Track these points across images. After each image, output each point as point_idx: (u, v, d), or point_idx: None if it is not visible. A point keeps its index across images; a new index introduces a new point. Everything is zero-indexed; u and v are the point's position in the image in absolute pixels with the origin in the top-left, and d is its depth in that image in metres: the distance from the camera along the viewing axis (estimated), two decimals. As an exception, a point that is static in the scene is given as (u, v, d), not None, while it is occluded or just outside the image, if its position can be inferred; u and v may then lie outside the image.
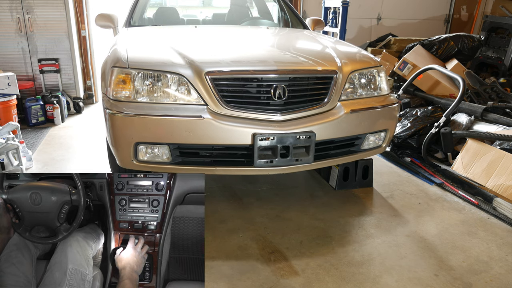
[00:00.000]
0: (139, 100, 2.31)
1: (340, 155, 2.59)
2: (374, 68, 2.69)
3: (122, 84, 2.31)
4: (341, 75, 2.49)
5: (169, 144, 2.29)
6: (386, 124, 2.68)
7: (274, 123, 2.30)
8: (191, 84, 2.29)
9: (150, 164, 2.36)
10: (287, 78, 2.33)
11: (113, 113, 2.26)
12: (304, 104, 2.40)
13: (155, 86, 2.32)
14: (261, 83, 2.31)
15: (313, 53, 2.72)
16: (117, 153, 2.38)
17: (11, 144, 3.18)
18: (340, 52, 2.71)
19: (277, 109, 2.32)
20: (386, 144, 2.79)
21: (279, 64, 2.37)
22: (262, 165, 2.31)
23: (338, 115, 2.43)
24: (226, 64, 2.35)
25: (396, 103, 2.72)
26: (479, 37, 5.05)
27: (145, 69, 2.31)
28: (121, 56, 2.40)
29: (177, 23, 3.74)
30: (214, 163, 2.39)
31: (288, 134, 2.27)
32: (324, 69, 2.46)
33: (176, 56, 2.40)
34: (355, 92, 2.61)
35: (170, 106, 2.30)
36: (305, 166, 2.42)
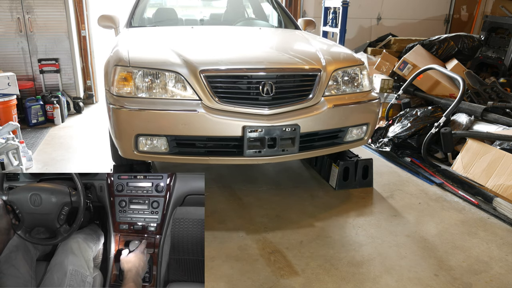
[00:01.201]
0: (139, 96, 2.49)
1: (324, 146, 2.79)
2: (357, 66, 2.87)
3: (124, 81, 2.49)
4: (325, 73, 2.68)
5: (167, 136, 2.48)
6: (367, 118, 2.86)
7: (262, 116, 2.48)
8: (187, 81, 2.47)
9: (150, 154, 2.55)
10: (275, 76, 2.52)
11: (116, 108, 2.44)
12: (290, 99, 2.59)
13: (154, 83, 2.49)
14: (251, 80, 2.50)
15: (300, 52, 2.87)
16: (119, 144, 2.56)
17: (11, 144, 3.18)
18: (325, 52, 2.89)
19: (265, 104, 2.51)
20: (368, 137, 2.97)
21: (267, 63, 2.55)
22: (251, 155, 2.50)
23: (321, 110, 2.62)
24: (219, 63, 2.52)
25: (377, 99, 2.90)
26: (479, 37, 5.05)
27: (145, 68, 2.49)
28: (123, 55, 2.56)
29: (175, 23, 3.86)
30: (208, 153, 2.58)
31: (275, 127, 2.46)
32: (309, 67, 2.65)
33: (173, 56, 2.56)
34: (338, 89, 2.79)
35: (167, 101, 2.47)
36: (291, 156, 2.61)
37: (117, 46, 2.81)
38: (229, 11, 4.25)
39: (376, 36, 6.34)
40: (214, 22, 4.15)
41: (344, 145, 2.88)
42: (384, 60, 4.86)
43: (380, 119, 4.65)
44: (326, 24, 5.67)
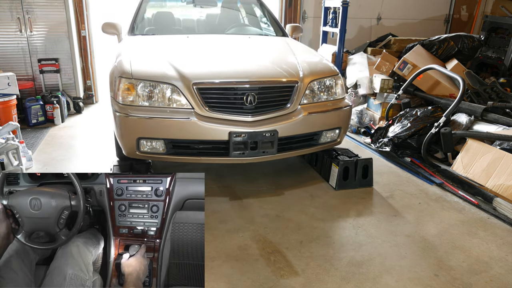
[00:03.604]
0: (140, 104, 2.83)
1: (301, 147, 3.13)
2: (332, 76, 3.19)
3: (127, 91, 2.83)
4: (302, 84, 3.00)
5: (164, 139, 2.84)
6: (339, 123, 3.20)
7: (246, 123, 2.82)
8: (181, 92, 2.81)
9: (150, 154, 2.91)
10: (257, 88, 2.85)
11: (121, 115, 2.80)
12: (271, 107, 2.92)
13: (153, 93, 2.84)
14: (236, 92, 2.84)
15: (281, 64, 3.18)
16: (123, 145, 2.93)
17: (11, 144, 3.18)
18: (304, 63, 3.21)
19: (248, 112, 2.85)
20: (341, 138, 3.31)
21: (251, 77, 2.88)
22: (236, 156, 2.86)
23: (297, 117, 2.95)
24: (209, 77, 2.87)
25: (349, 106, 3.24)
26: (479, 37, 5.04)
27: (146, 80, 2.84)
28: (126, 68, 2.91)
29: (173, 29, 4.23)
30: (199, 154, 2.94)
31: (257, 132, 2.81)
32: (287, 80, 2.98)
33: (170, 69, 2.91)
34: (314, 97, 3.10)
35: (164, 109, 2.82)
36: (270, 157, 2.96)
37: (120, 56, 3.17)
38: (223, 16, 4.64)
39: (376, 36, 6.33)
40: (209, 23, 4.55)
41: (319, 146, 3.20)
42: (384, 60, 4.85)
43: (380, 119, 4.65)
44: (326, 24, 5.66)
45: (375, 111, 4.80)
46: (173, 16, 4.49)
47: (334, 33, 5.49)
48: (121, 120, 2.81)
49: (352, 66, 5.25)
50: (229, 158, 2.87)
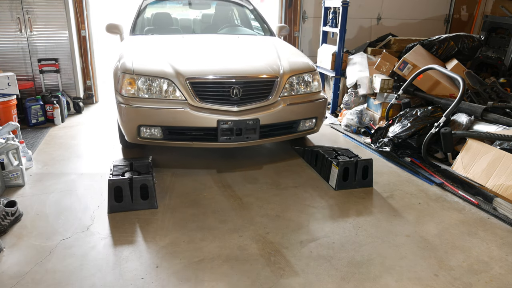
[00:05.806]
0: (140, 96, 3.28)
1: (281, 134, 3.59)
2: (310, 72, 3.67)
3: (129, 85, 3.28)
4: (282, 79, 3.46)
5: (161, 126, 3.28)
6: (315, 113, 3.68)
7: (232, 112, 3.27)
8: (176, 86, 3.26)
9: (149, 139, 3.35)
10: (242, 82, 3.31)
11: (124, 105, 3.24)
12: (254, 99, 3.37)
13: (152, 86, 3.28)
14: (224, 86, 3.29)
15: (264, 62, 3.60)
16: (126, 132, 3.38)
17: (11, 144, 3.18)
18: (285, 60, 3.65)
19: (234, 103, 3.30)
20: (318, 127, 3.81)
21: (236, 73, 3.34)
22: (223, 141, 3.29)
23: (277, 107, 3.41)
24: (201, 73, 3.31)
25: (324, 98, 3.71)
26: (479, 37, 5.04)
27: (145, 75, 3.29)
28: (128, 66, 3.37)
29: (170, 31, 4.57)
30: (192, 139, 3.36)
31: (241, 120, 3.24)
32: (269, 75, 3.44)
33: (167, 66, 3.35)
34: (292, 90, 3.56)
35: (162, 100, 3.26)
36: (253, 142, 3.38)
37: (123, 54, 3.61)
38: (217, 16, 5.11)
39: (376, 36, 6.33)
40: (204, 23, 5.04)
41: (297, 133, 3.67)
42: (384, 60, 4.85)
43: (380, 119, 4.65)
44: (326, 24, 5.66)
45: (375, 111, 4.80)
46: (171, 16, 4.87)
47: (334, 33, 5.49)
48: (124, 110, 3.24)
49: (352, 66, 5.25)
50: (217, 143, 3.30)
